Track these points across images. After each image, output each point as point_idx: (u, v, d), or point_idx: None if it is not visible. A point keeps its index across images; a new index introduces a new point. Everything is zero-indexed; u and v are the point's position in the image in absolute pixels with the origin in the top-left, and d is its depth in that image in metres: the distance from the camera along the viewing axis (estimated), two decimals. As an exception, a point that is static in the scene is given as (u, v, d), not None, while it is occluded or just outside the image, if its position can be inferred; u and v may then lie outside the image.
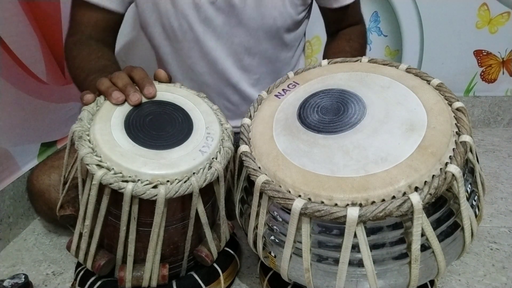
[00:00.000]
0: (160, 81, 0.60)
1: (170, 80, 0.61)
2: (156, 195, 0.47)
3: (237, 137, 0.55)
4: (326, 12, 0.81)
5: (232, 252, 0.64)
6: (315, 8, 0.82)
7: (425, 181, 0.41)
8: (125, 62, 1.15)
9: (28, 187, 0.78)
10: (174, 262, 0.56)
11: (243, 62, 0.78)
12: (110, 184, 0.46)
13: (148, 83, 0.55)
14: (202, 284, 0.58)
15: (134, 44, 1.18)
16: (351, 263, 0.44)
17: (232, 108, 0.83)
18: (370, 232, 0.43)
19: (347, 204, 0.42)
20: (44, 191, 0.73)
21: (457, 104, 0.48)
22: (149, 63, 1.02)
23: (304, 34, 0.86)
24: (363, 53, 0.79)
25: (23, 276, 0.62)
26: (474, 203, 0.48)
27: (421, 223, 0.42)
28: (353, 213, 0.41)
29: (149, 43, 0.81)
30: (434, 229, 0.44)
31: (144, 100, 0.55)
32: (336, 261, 0.45)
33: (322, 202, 0.43)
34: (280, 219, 0.48)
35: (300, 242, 0.46)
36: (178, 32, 0.74)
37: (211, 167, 0.51)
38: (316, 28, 1.10)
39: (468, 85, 1.30)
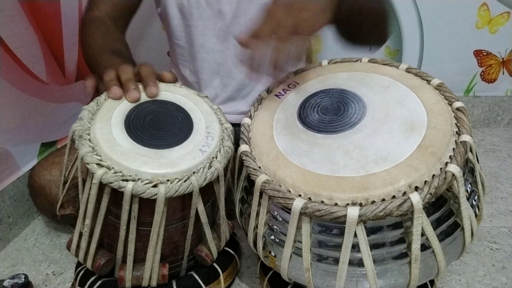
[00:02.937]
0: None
1: (176, 81, 0.61)
2: (156, 194, 0.47)
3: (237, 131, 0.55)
4: None
5: (232, 252, 0.64)
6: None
7: (425, 181, 0.41)
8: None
9: (29, 183, 0.78)
10: (174, 262, 0.56)
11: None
12: (110, 183, 0.46)
13: (152, 82, 0.55)
14: (202, 284, 0.58)
15: (143, 41, 1.19)
16: (351, 263, 0.44)
17: (239, 87, 0.82)
18: (370, 231, 0.43)
19: (347, 204, 0.42)
20: (44, 186, 0.74)
21: (457, 104, 0.48)
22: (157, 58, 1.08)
23: None
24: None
25: (23, 276, 0.62)
26: (474, 203, 0.48)
27: (421, 223, 0.42)
28: (353, 212, 0.41)
29: (165, 28, 0.84)
30: (434, 228, 0.44)
31: (144, 99, 0.55)
32: (336, 261, 0.45)
33: (322, 202, 0.43)
34: (280, 219, 0.48)
35: (300, 242, 0.46)
36: (194, 10, 0.76)
37: (211, 166, 0.51)
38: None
39: (468, 85, 1.29)
